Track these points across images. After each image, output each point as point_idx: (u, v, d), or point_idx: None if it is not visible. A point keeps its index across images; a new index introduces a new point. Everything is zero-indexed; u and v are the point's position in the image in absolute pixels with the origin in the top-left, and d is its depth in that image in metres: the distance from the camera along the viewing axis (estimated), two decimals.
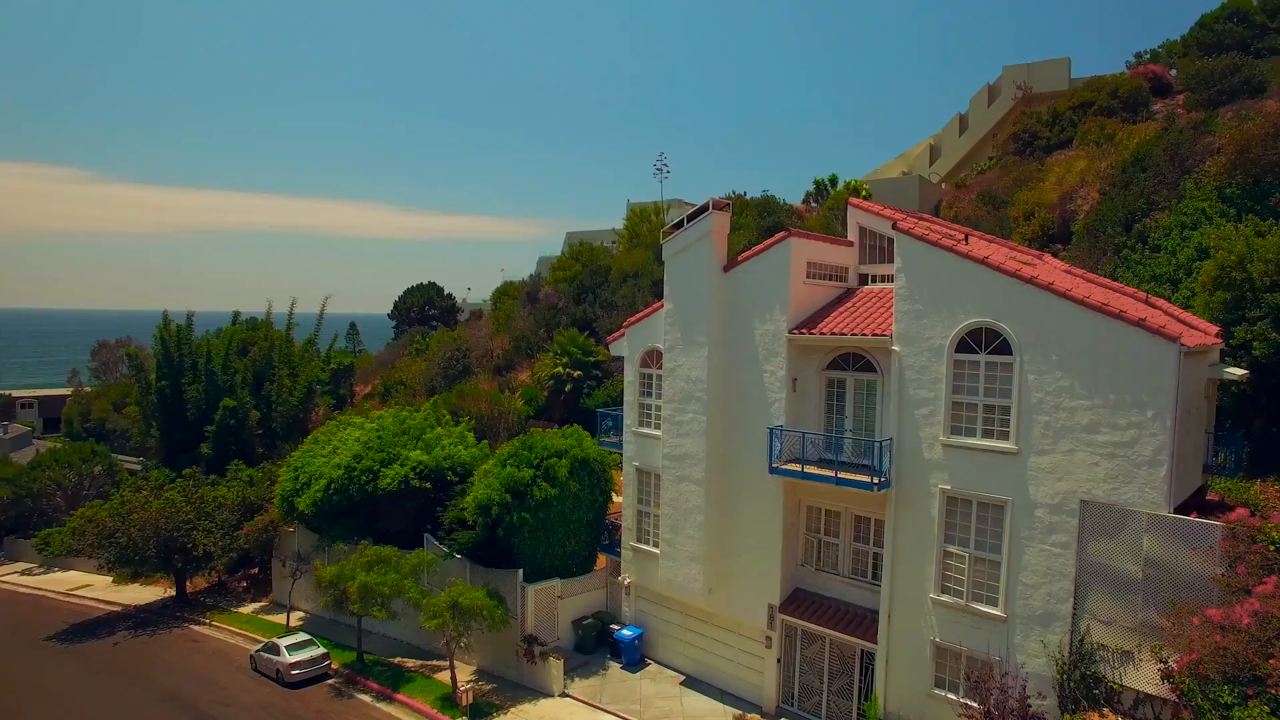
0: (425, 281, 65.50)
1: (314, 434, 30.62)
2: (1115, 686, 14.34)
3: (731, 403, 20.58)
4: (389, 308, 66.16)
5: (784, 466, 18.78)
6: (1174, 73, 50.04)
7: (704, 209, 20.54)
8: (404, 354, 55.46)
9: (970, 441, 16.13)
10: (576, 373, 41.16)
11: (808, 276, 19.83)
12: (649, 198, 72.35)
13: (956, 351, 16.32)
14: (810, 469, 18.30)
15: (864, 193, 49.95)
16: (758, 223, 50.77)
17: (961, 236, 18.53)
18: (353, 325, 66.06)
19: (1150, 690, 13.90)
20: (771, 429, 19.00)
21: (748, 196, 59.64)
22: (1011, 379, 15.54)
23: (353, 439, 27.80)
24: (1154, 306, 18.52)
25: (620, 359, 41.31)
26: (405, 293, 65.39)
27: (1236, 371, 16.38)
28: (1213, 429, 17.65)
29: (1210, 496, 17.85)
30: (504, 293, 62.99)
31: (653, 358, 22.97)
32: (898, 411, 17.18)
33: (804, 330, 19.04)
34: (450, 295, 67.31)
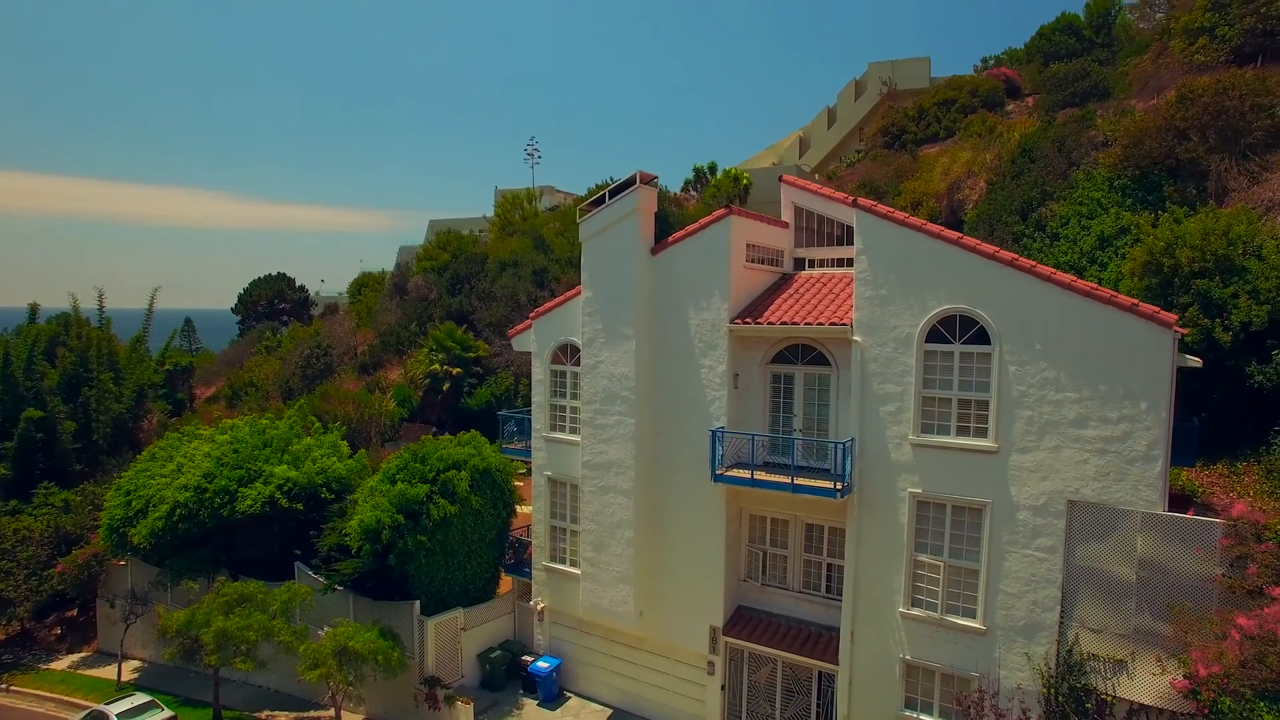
0: (274, 273, 58.97)
1: (150, 449, 25.69)
2: (1107, 699, 13.35)
3: (663, 403, 18.37)
4: (232, 302, 59.20)
5: (729, 473, 16.78)
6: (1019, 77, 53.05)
7: (629, 183, 18.16)
8: (252, 352, 49.40)
9: (944, 440, 14.72)
10: (455, 370, 37.68)
11: (747, 260, 17.93)
12: (518, 184, 68.91)
13: (927, 341, 14.87)
14: (761, 475, 16.37)
15: (744, 181, 49.30)
16: None
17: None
18: (188, 321, 58.52)
19: (1147, 701, 12.98)
20: (714, 431, 16.93)
21: None
22: (990, 371, 14.24)
23: (202, 454, 23.32)
24: None
25: (500, 355, 38.49)
26: (251, 285, 58.55)
27: (1193, 360, 15.93)
28: None
29: None
30: (363, 284, 57.91)
31: (566, 353, 20.35)
32: (860, 409, 15.56)
33: (748, 320, 17.08)
34: (303, 287, 61.07)
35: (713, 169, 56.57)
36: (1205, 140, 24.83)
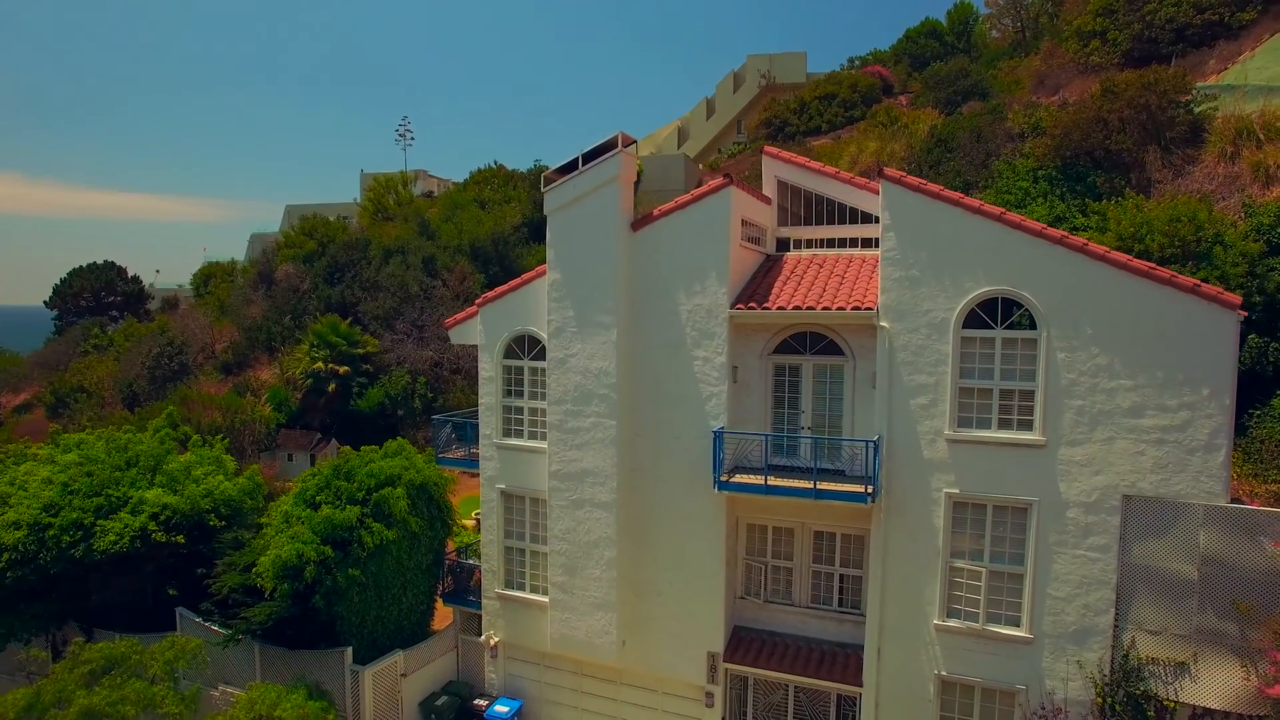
0: (100, 261, 50.79)
1: None
2: (1169, 704, 12.56)
3: (645, 401, 16.08)
4: (45, 295, 50.41)
5: (736, 479, 14.80)
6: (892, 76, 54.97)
7: (609, 146, 15.73)
8: (78, 352, 42.08)
9: (984, 435, 13.46)
10: (342, 368, 33.56)
11: (743, 239, 16.02)
12: (387, 168, 64.01)
13: (964, 327, 13.55)
14: (775, 481, 14.50)
15: (637, 169, 47.76)
16: (529, 194, 46.74)
17: None
18: None
19: (1214, 705, 12.28)
20: (716, 432, 14.89)
21: (510, 168, 54.98)
22: (1036, 358, 13.09)
23: (39, 480, 18.54)
24: None
25: (392, 351, 34.65)
26: (71, 274, 50.07)
27: None
28: None
29: None
30: (210, 275, 51.33)
31: (524, 346, 17.61)
32: (887, 402, 14.02)
33: (752, 305, 15.15)
34: (136, 278, 53.20)
35: None
36: (1128, 133, 25.52)
